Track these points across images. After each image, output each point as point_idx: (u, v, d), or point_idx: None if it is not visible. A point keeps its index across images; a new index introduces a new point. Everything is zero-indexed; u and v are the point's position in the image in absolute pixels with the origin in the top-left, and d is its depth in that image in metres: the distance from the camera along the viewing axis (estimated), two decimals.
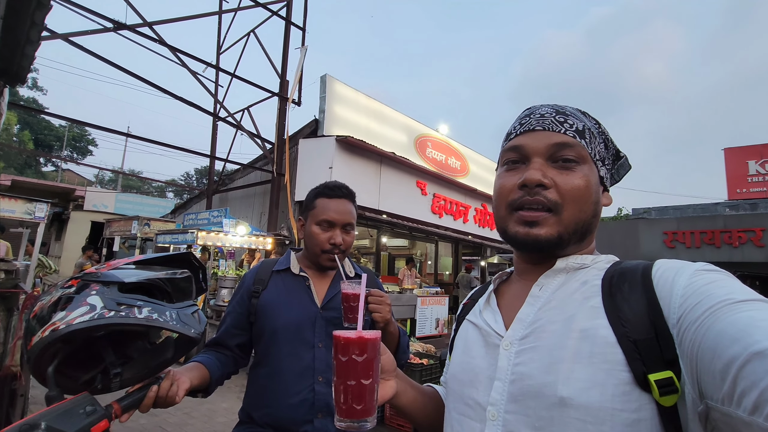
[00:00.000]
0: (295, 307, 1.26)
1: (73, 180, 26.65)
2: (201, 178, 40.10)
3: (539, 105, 0.71)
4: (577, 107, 0.71)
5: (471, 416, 0.63)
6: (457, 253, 12.43)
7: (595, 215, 0.65)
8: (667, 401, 0.48)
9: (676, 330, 0.49)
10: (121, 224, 10.21)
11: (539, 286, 0.64)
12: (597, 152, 0.67)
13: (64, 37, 5.93)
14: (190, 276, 1.00)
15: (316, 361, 1.22)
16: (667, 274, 0.54)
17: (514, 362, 0.59)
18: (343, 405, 0.61)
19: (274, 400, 1.19)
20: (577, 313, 0.57)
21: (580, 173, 0.63)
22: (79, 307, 0.79)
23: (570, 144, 0.64)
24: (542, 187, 0.62)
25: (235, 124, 9.00)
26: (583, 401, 0.50)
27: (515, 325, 0.62)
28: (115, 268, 0.90)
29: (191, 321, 0.89)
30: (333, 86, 8.64)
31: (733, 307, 0.44)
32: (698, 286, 0.49)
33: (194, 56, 7.96)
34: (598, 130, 0.70)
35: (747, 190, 15.46)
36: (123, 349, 0.90)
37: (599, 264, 0.63)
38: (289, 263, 1.35)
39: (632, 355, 0.50)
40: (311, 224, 1.31)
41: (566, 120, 0.66)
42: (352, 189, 1.39)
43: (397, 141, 9.82)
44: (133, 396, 0.87)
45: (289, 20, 9.04)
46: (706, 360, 0.43)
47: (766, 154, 15.26)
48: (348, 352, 0.61)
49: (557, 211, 0.62)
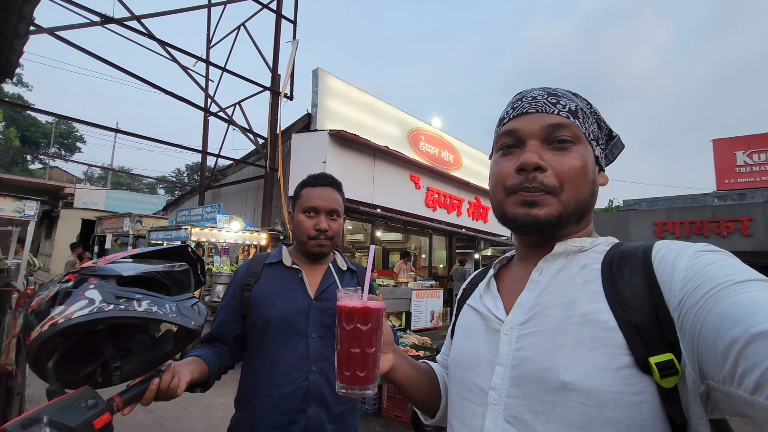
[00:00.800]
0: (288, 299, 1.27)
1: (61, 177, 26.26)
2: (193, 174, 39.70)
3: (530, 89, 0.70)
4: (567, 89, 0.71)
5: (473, 400, 0.63)
6: (451, 246, 12.48)
7: (593, 195, 0.65)
8: (668, 383, 0.48)
9: (677, 313, 0.49)
10: (112, 221, 10.11)
11: (539, 271, 0.64)
12: (591, 132, 0.67)
13: (50, 31, 5.82)
14: (188, 269, 1.00)
15: (311, 351, 1.24)
16: (667, 257, 0.54)
17: (515, 347, 0.59)
18: (347, 372, 0.62)
19: (268, 389, 1.21)
20: (578, 297, 0.57)
21: (576, 153, 0.63)
22: (78, 301, 0.78)
23: (564, 124, 0.63)
24: (539, 170, 0.62)
25: (227, 119, 8.92)
26: (585, 385, 0.51)
27: (516, 310, 0.63)
28: (112, 262, 0.89)
29: (191, 313, 0.89)
30: (325, 80, 8.58)
31: (734, 288, 0.44)
32: (699, 268, 0.49)
33: (184, 50, 7.85)
34: (591, 110, 0.69)
35: (735, 180, 15.68)
36: (122, 343, 0.90)
37: (598, 247, 0.63)
38: (281, 256, 1.37)
39: (633, 339, 0.50)
40: (298, 213, 1.34)
41: (558, 101, 0.65)
42: (337, 179, 1.42)
43: (390, 135, 9.80)
44: (135, 389, 0.87)
45: (280, 13, 8.93)
46: (708, 341, 0.44)
47: (754, 144, 15.47)
48: (352, 321, 0.62)
49: (556, 193, 0.62)
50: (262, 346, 1.25)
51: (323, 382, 1.23)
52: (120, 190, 21.96)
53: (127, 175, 37.67)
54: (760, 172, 15.30)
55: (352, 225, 10.81)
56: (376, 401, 4.16)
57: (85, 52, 6.29)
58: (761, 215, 11.76)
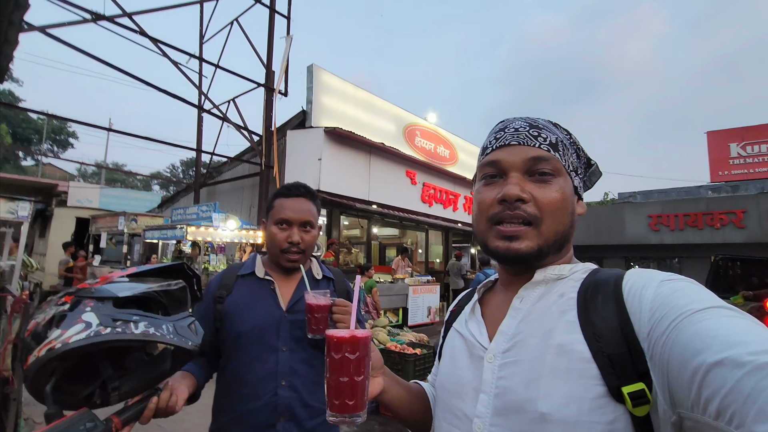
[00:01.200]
0: (259, 311, 1.25)
1: (54, 174, 25.99)
2: (187, 170, 39.44)
3: (512, 118, 0.72)
4: (548, 119, 0.73)
5: (459, 426, 0.65)
6: (447, 241, 12.52)
7: (572, 225, 0.67)
8: (640, 411, 0.50)
9: (646, 344, 0.51)
10: (107, 220, 10.04)
11: (519, 299, 0.66)
12: (570, 163, 0.68)
13: (41, 29, 5.74)
14: (185, 286, 1.00)
15: (280, 365, 1.22)
16: (635, 287, 0.56)
17: (497, 375, 0.61)
18: (336, 401, 0.63)
19: (237, 404, 1.20)
20: (555, 327, 0.59)
21: (557, 186, 0.65)
22: (75, 325, 0.78)
23: (545, 158, 0.65)
24: (521, 201, 0.64)
25: (221, 116, 8.85)
26: (562, 416, 0.52)
27: (498, 338, 0.64)
28: (109, 282, 0.89)
29: (188, 333, 0.90)
30: (320, 76, 8.53)
31: (692, 317, 0.47)
32: (663, 298, 0.51)
33: (176, 47, 7.77)
34: (570, 141, 0.71)
35: (729, 172, 15.76)
36: (120, 362, 0.90)
37: (576, 274, 0.65)
38: (254, 267, 1.34)
39: (606, 369, 0.52)
40: (271, 224, 1.31)
41: (540, 133, 0.67)
42: (312, 189, 1.38)
43: (385, 131, 9.77)
44: (133, 408, 0.87)
45: (273, 8, 8.84)
46: (675, 372, 0.46)
47: (747, 136, 15.55)
48: (341, 350, 0.63)
49: (536, 225, 0.63)
50: (233, 361, 1.24)
51: (293, 396, 1.21)
52: (114, 187, 21.80)
53: (121, 172, 37.40)
54: (753, 164, 15.39)
55: (348, 221, 10.81)
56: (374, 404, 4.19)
57: (77, 50, 6.21)
58: (755, 207, 11.89)
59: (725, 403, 0.40)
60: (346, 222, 10.95)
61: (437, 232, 12.57)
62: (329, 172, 7.81)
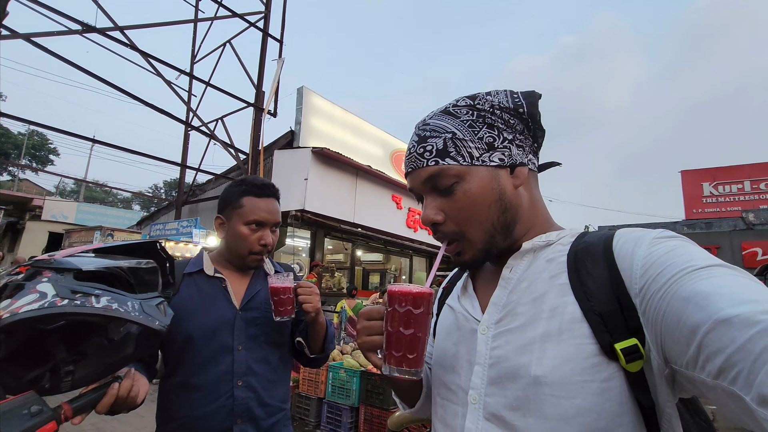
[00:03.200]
0: (211, 311, 1.18)
1: (30, 190, 25.21)
2: (170, 191, 38.82)
3: (413, 131, 0.68)
4: (445, 107, 0.67)
5: (453, 401, 0.64)
6: (431, 267, 12.44)
7: (505, 210, 0.63)
8: (634, 367, 0.50)
9: (638, 299, 0.50)
10: (81, 235, 9.71)
11: (509, 268, 0.65)
12: (476, 149, 0.63)
13: (25, 37, 5.68)
14: (155, 267, 0.93)
15: (236, 365, 1.15)
16: (627, 245, 0.55)
17: (491, 346, 0.61)
18: (397, 353, 0.60)
19: (188, 410, 1.11)
20: (546, 291, 0.58)
21: (461, 192, 0.62)
22: (28, 295, 0.71)
23: (435, 173, 0.63)
24: (438, 224, 0.65)
25: (209, 134, 8.81)
26: (556, 378, 0.52)
27: (490, 309, 0.64)
28: (71, 255, 0.82)
29: (155, 313, 0.82)
30: (309, 98, 8.63)
31: (695, 274, 0.45)
32: (658, 256, 0.50)
33: (167, 63, 7.79)
34: (472, 120, 0.64)
35: (702, 210, 16.32)
36: (77, 345, 0.81)
37: (564, 239, 0.64)
38: (201, 264, 1.27)
39: (598, 327, 0.52)
40: (238, 224, 1.23)
41: (426, 147, 0.64)
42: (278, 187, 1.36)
43: (372, 154, 9.87)
44: (88, 396, 0.79)
45: (267, 32, 9.02)
46: (671, 327, 0.45)
47: (719, 176, 16.22)
48: (405, 304, 0.61)
49: (461, 238, 0.64)
50: (182, 365, 1.15)
51: (251, 396, 1.15)
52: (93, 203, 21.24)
53: (101, 190, 36.53)
54: (725, 203, 15.99)
55: (332, 245, 10.69)
56: (352, 424, 4.02)
57: (64, 60, 6.15)
58: (728, 244, 12.26)
59: (730, 362, 0.38)
60: (330, 246, 10.82)
61: (421, 258, 12.52)
62: (315, 193, 7.77)
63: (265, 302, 1.23)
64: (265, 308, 1.22)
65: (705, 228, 15.46)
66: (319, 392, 4.14)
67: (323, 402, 4.09)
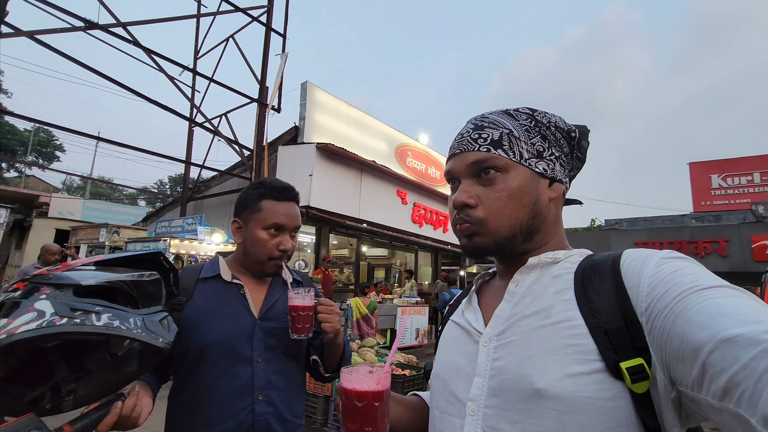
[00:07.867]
0: (228, 320, 1.12)
1: (37, 186, 25.37)
2: (175, 186, 38.91)
3: (468, 121, 0.73)
4: (505, 108, 0.72)
5: (452, 413, 0.63)
6: (436, 262, 12.42)
7: (535, 214, 0.66)
8: (639, 388, 0.49)
9: (644, 318, 0.50)
10: (88, 232, 9.76)
11: (515, 283, 0.66)
12: (527, 151, 0.67)
13: (29, 34, 5.66)
14: (159, 279, 0.90)
15: (256, 378, 1.09)
16: (634, 264, 0.55)
17: (492, 357, 0.60)
18: None
19: (203, 426, 1.05)
20: (552, 306, 0.58)
21: (503, 184, 0.65)
22: (25, 314, 0.68)
23: (484, 159, 0.66)
24: (468, 207, 0.66)
25: (213, 130, 8.78)
26: (558, 392, 0.51)
27: (493, 322, 0.64)
28: (70, 269, 0.79)
29: (159, 329, 0.79)
30: (314, 93, 8.57)
31: (700, 294, 0.46)
32: (665, 275, 0.50)
33: (170, 59, 7.74)
34: (529, 126, 0.68)
35: (711, 202, 16.12)
36: (78, 362, 0.78)
37: (572, 258, 0.65)
38: (218, 269, 1.19)
39: (604, 344, 0.51)
40: (257, 228, 1.17)
41: (481, 135, 0.67)
42: (297, 190, 1.29)
43: (377, 150, 9.80)
44: (90, 416, 0.76)
45: (270, 26, 8.94)
46: (675, 346, 0.45)
47: (727, 168, 16.00)
48: (364, 400, 0.60)
49: (484, 225, 0.65)
50: (196, 378, 1.08)
51: (271, 411, 1.09)
52: (99, 200, 21.36)
53: (107, 186, 36.73)
54: (734, 195, 15.78)
55: (337, 240, 10.67)
56: None
57: (67, 57, 6.13)
58: (737, 237, 12.10)
59: (734, 381, 0.38)
60: (335, 241, 10.80)
61: (427, 253, 12.48)
62: (320, 189, 7.74)
63: (283, 312, 1.17)
64: (284, 318, 1.16)
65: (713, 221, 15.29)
66: (325, 390, 4.14)
67: (330, 400, 4.09)
